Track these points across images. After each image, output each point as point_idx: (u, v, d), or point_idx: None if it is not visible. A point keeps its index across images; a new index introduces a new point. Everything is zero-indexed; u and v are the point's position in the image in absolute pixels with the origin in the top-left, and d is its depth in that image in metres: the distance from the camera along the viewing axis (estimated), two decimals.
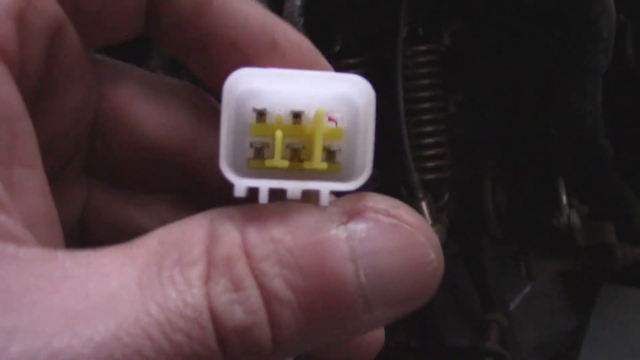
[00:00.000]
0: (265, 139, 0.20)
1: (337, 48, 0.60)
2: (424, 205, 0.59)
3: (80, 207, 0.25)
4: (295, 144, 0.20)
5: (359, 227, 0.18)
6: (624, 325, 0.71)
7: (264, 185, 0.19)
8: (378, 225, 0.18)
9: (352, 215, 0.18)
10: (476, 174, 0.71)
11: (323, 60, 0.23)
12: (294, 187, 0.19)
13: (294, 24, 0.46)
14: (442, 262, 0.19)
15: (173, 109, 0.24)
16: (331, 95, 0.20)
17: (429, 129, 0.63)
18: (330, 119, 0.20)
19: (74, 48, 0.21)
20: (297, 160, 0.20)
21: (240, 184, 0.19)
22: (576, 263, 0.81)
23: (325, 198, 0.19)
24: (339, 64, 0.61)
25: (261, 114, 0.20)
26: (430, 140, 0.63)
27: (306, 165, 0.20)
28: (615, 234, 0.73)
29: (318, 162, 0.20)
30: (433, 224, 0.60)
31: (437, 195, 0.64)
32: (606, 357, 0.68)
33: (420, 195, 0.59)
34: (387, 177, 0.60)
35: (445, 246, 0.64)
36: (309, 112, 0.20)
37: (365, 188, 0.20)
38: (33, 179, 0.19)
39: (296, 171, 0.20)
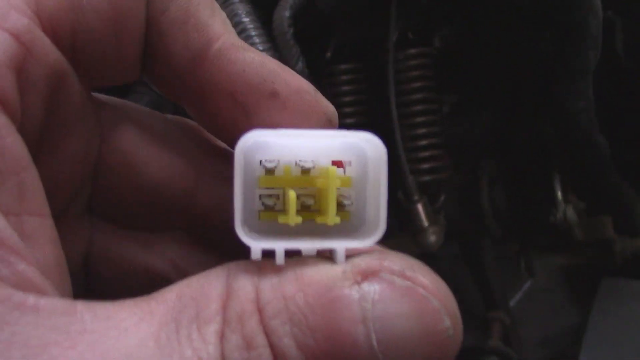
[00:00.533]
0: (275, 191, 0.20)
1: (329, 54, 0.61)
2: (419, 207, 0.59)
3: (84, 247, 0.25)
4: (306, 199, 0.20)
5: (372, 289, 0.18)
6: (624, 317, 0.71)
7: (280, 247, 0.19)
8: (392, 287, 0.18)
9: (367, 275, 0.18)
10: (474, 175, 0.71)
11: (325, 103, 0.23)
12: (309, 247, 0.19)
13: (283, 34, 0.46)
14: (460, 328, 0.18)
15: (174, 151, 0.24)
16: (339, 146, 0.20)
17: (423, 131, 0.63)
18: (338, 165, 0.20)
19: (74, 95, 0.21)
20: (308, 212, 0.20)
21: (257, 248, 0.19)
22: (576, 258, 0.82)
23: (341, 257, 0.19)
24: (331, 70, 0.61)
25: (270, 167, 0.20)
26: (425, 142, 0.63)
27: (319, 220, 0.20)
28: (613, 228, 0.73)
29: (332, 217, 0.19)
30: (430, 226, 0.60)
31: (433, 197, 0.64)
32: (607, 349, 0.68)
33: (416, 198, 0.59)
34: None
35: (443, 247, 0.65)
36: (318, 163, 0.20)
37: None
38: (43, 227, 0.19)
39: (308, 223, 0.20)
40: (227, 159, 0.24)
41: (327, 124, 0.23)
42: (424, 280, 0.18)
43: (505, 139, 0.74)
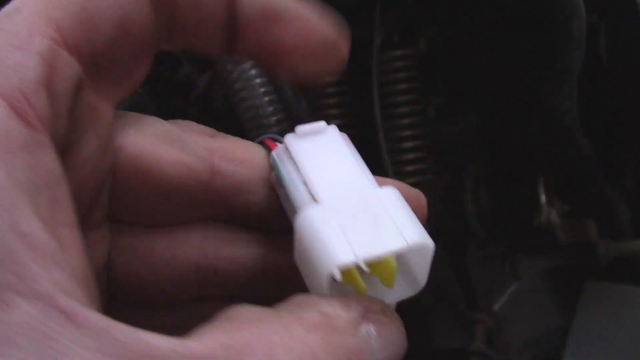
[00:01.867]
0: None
1: None
2: None
3: (106, 252, 0.25)
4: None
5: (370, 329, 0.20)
6: (608, 321, 0.71)
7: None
8: (382, 325, 0.21)
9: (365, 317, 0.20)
10: (458, 177, 0.71)
11: (326, 27, 0.25)
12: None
13: None
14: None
15: (184, 146, 0.25)
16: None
17: (407, 133, 0.63)
18: None
19: (91, 104, 0.22)
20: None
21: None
22: (560, 261, 0.82)
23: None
24: None
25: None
26: (409, 144, 0.63)
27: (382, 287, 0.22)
28: (597, 230, 0.74)
29: (392, 284, 0.22)
30: None
31: None
32: (591, 352, 0.68)
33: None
34: None
35: None
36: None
37: None
38: (74, 238, 0.19)
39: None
40: (238, 142, 0.26)
41: (326, 48, 0.25)
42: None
43: (490, 141, 0.74)
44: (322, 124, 0.24)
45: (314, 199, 0.22)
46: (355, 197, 0.21)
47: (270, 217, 0.26)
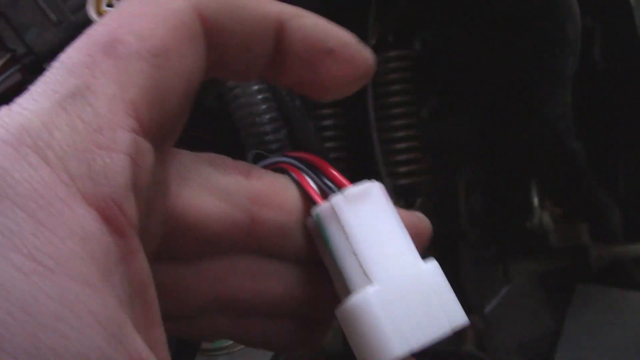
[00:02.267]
0: None
1: None
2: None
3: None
4: None
5: None
6: (598, 324, 0.71)
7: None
8: None
9: None
10: (451, 179, 0.71)
11: (366, 53, 0.26)
12: None
13: None
14: None
15: (229, 199, 0.25)
16: None
17: (401, 134, 0.63)
18: None
19: (155, 177, 0.22)
20: None
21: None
22: (552, 264, 0.82)
23: None
24: None
25: None
26: (402, 145, 0.63)
27: None
28: (589, 234, 0.74)
29: None
30: None
31: (410, 200, 0.64)
32: (581, 355, 0.69)
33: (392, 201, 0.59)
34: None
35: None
36: None
37: None
38: (161, 336, 0.20)
39: None
40: (274, 182, 0.26)
41: (368, 70, 0.26)
42: None
43: (483, 144, 0.74)
44: (368, 185, 0.25)
45: (367, 276, 0.23)
46: (404, 276, 0.23)
47: (302, 255, 0.26)
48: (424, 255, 0.26)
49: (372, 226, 0.24)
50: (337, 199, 0.24)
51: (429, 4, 0.64)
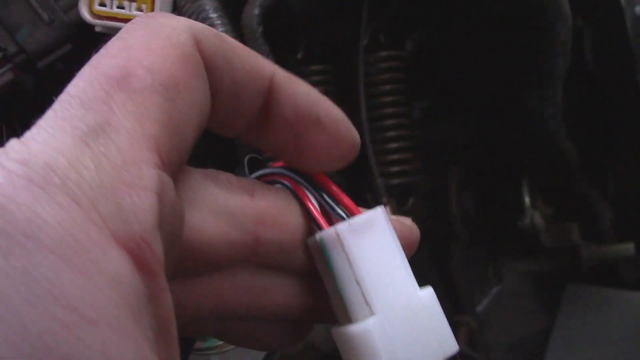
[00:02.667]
0: None
1: (300, 55, 0.61)
2: (387, 210, 0.59)
3: None
4: None
5: None
6: (589, 324, 0.71)
7: None
8: None
9: None
10: (443, 179, 0.72)
11: (354, 132, 0.26)
12: None
13: (252, 32, 0.46)
14: None
15: (234, 222, 0.25)
16: None
17: (393, 134, 0.63)
18: None
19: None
20: None
21: None
22: (544, 264, 0.82)
23: None
24: (302, 71, 0.61)
25: None
26: (394, 145, 0.63)
27: None
28: (580, 234, 0.74)
29: None
30: None
31: (402, 200, 0.64)
32: (572, 354, 0.69)
33: (384, 200, 0.59)
34: (351, 183, 0.60)
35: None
36: None
37: None
38: None
39: None
40: (277, 200, 0.26)
41: (352, 150, 0.26)
42: None
43: (475, 143, 0.74)
44: (372, 214, 0.25)
45: (368, 305, 0.24)
46: (403, 306, 0.24)
47: (301, 268, 0.26)
48: (415, 255, 0.27)
49: (375, 255, 0.25)
50: (342, 227, 0.25)
51: (420, 5, 0.65)
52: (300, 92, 0.25)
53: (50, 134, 0.18)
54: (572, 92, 0.63)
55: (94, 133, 0.18)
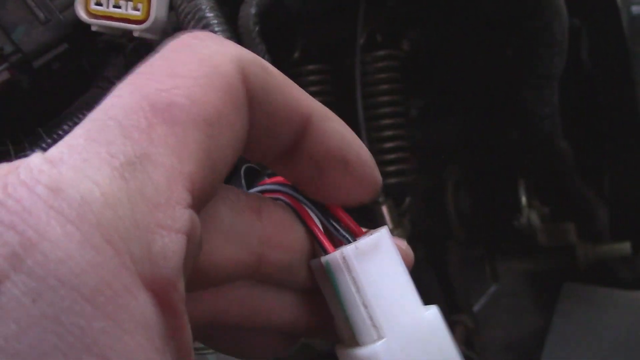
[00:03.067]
0: None
1: (297, 55, 0.61)
2: (384, 209, 0.59)
3: None
4: None
5: None
6: (585, 323, 0.72)
7: None
8: None
9: None
10: (439, 178, 0.72)
11: (378, 176, 0.26)
12: None
13: (249, 32, 0.46)
14: None
15: (241, 242, 0.24)
16: None
17: (390, 133, 0.63)
18: None
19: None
20: None
21: None
22: (540, 263, 0.82)
23: None
24: (299, 70, 0.61)
25: None
26: (391, 144, 0.63)
27: None
28: (576, 233, 0.74)
29: None
30: (394, 228, 0.60)
31: (398, 199, 0.64)
32: (568, 354, 0.69)
33: (381, 200, 0.59)
34: None
35: None
36: None
37: None
38: None
39: None
40: (283, 221, 0.25)
41: (373, 192, 0.26)
42: None
43: (471, 143, 0.75)
44: (378, 236, 0.25)
45: (375, 328, 0.24)
46: (409, 327, 0.24)
47: (302, 286, 0.26)
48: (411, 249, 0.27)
49: (381, 277, 0.25)
50: (348, 250, 0.24)
51: (417, 5, 0.65)
52: (334, 133, 0.24)
53: (84, 160, 0.17)
54: (568, 92, 0.63)
55: (132, 166, 0.17)
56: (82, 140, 0.17)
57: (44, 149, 0.20)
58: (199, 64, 0.20)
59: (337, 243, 0.25)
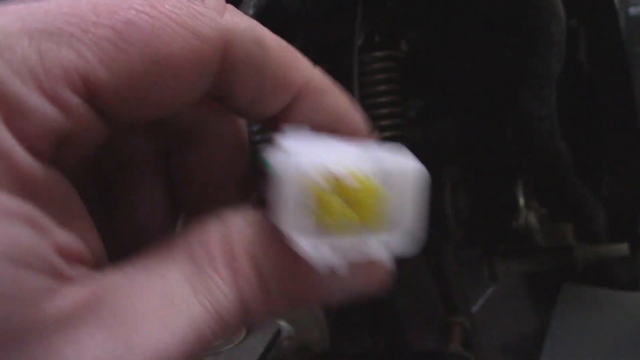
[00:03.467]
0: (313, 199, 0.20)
1: None
2: None
3: None
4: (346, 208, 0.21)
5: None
6: (584, 324, 0.72)
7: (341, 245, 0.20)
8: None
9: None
10: (437, 179, 0.72)
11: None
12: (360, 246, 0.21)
13: None
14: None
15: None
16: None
17: (388, 134, 0.63)
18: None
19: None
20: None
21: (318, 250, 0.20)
22: (538, 264, 0.82)
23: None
24: None
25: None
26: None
27: (361, 226, 0.21)
28: (574, 234, 0.74)
29: (376, 225, 0.21)
30: None
31: None
32: (567, 354, 0.69)
33: None
34: None
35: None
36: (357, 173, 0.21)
37: None
38: (88, 226, 0.21)
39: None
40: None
41: None
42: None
43: (470, 144, 0.74)
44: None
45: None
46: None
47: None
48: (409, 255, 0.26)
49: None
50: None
51: (416, 5, 0.65)
52: (326, 107, 0.25)
53: None
54: (566, 93, 0.63)
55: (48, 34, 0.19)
56: None
57: None
58: (184, 24, 0.20)
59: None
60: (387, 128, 0.63)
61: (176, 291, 0.19)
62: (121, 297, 0.19)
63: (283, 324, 0.54)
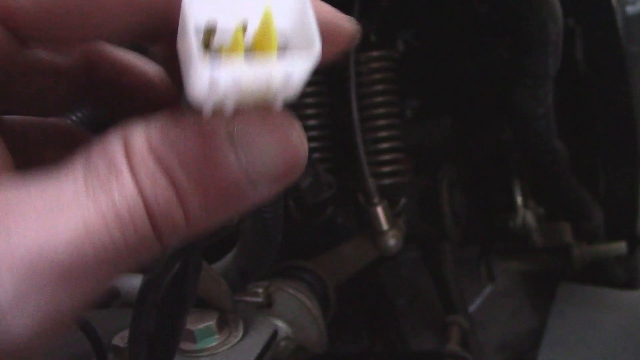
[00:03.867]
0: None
1: None
2: (379, 210, 0.59)
3: None
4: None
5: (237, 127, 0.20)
6: (581, 322, 0.72)
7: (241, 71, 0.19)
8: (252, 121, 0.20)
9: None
10: (434, 179, 0.72)
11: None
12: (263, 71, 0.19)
13: None
14: (305, 141, 0.21)
15: None
16: None
17: (384, 134, 0.63)
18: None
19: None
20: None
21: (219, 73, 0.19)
22: (536, 263, 0.82)
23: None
24: None
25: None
26: (386, 145, 0.63)
27: (260, 54, 0.20)
28: (572, 233, 0.74)
29: (274, 47, 0.20)
30: (389, 229, 0.60)
31: (393, 200, 0.64)
32: (564, 354, 0.69)
33: (376, 201, 0.59)
34: (343, 183, 0.60)
35: (403, 251, 0.65)
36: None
37: (322, 194, 0.21)
38: None
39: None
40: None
41: None
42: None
43: (465, 143, 0.74)
44: None
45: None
46: None
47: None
48: (407, 255, 0.25)
49: None
50: None
51: (411, 5, 0.65)
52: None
53: None
54: (563, 92, 0.63)
55: None
56: None
57: None
58: None
59: None
60: (383, 128, 0.63)
61: (68, 194, 0.20)
62: (11, 200, 0.19)
63: (280, 324, 0.54)
